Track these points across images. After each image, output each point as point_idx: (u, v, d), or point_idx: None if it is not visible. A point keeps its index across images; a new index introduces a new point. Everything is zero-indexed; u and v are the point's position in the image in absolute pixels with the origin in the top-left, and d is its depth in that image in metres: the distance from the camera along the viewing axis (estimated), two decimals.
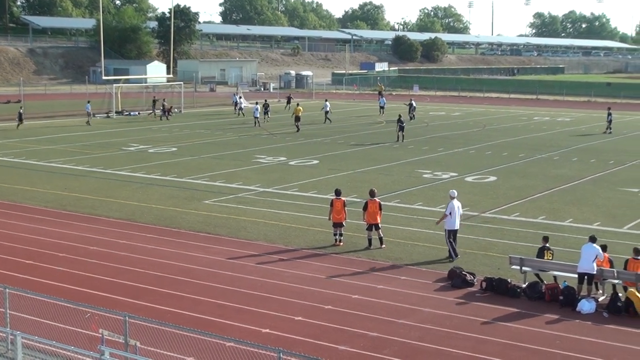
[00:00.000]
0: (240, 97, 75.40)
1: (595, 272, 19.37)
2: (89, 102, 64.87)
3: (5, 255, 23.07)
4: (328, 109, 66.23)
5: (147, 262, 22.39)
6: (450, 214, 23.38)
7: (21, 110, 59.64)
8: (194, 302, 18.94)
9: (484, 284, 20.21)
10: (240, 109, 71.99)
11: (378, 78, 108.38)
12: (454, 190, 24.58)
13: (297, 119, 59.99)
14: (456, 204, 23.57)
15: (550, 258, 20.80)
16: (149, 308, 18.33)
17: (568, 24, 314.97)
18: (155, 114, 69.15)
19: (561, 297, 19.19)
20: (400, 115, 54.89)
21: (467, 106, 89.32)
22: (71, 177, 37.01)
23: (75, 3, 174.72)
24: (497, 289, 19.95)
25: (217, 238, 25.39)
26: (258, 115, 63.20)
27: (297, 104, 64.31)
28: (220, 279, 20.88)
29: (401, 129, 52.82)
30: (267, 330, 17.10)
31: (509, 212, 29.67)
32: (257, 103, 65.95)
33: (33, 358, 14.96)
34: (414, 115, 67.04)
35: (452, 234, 23.37)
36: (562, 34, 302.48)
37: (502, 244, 24.85)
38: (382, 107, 73.01)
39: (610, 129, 59.21)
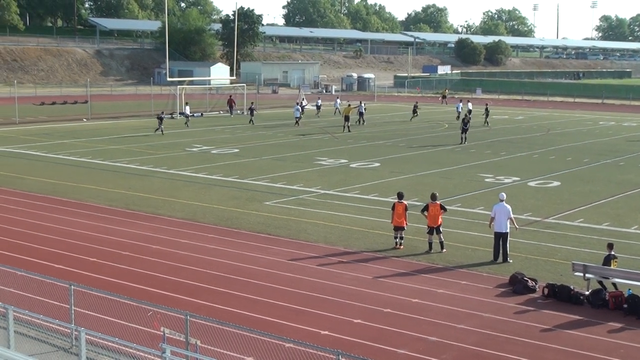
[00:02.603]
0: (303, 99, 76.12)
1: None
2: (187, 103, 65.61)
3: (70, 252, 23.52)
4: (363, 110, 66.23)
5: (208, 262, 22.61)
6: (494, 216, 23.20)
7: (162, 115, 58.23)
8: (253, 303, 19.06)
9: (546, 291, 19.92)
10: (319, 108, 72.81)
11: (447, 87, 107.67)
12: (503, 194, 24.34)
13: (347, 119, 60.06)
14: (503, 207, 23.29)
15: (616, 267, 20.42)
16: (208, 307, 18.50)
17: (635, 27, 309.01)
18: (232, 115, 67.41)
19: (625, 306, 18.82)
20: (465, 116, 55.03)
21: (531, 110, 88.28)
22: (135, 177, 37.58)
23: (142, 5, 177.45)
24: (559, 295, 19.65)
25: (277, 239, 25.51)
26: (299, 115, 63.90)
27: (349, 104, 64.31)
28: (279, 280, 20.97)
29: (464, 131, 53.00)
30: (326, 332, 17.11)
31: (573, 217, 29.21)
32: (297, 104, 66.62)
33: (96, 354, 15.23)
34: (487, 122, 66.09)
35: (499, 237, 23.13)
36: (629, 38, 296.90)
37: (565, 250, 24.48)
38: (459, 112, 71.76)
39: None
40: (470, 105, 70.15)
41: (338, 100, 77.20)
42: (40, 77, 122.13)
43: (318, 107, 74.20)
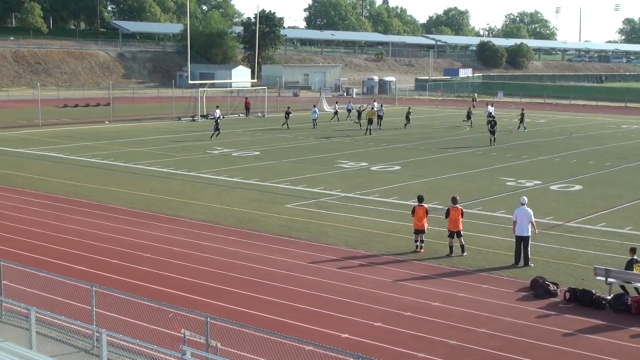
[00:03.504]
0: (324, 103, 76.29)
1: None
2: (217, 107, 65.20)
3: (92, 254, 23.65)
4: (382, 113, 66.19)
5: (228, 264, 22.65)
6: (515, 220, 23.12)
7: (218, 119, 57.64)
8: (273, 305, 19.08)
9: (567, 295, 19.80)
10: (336, 112, 72.68)
11: (475, 92, 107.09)
12: (524, 197, 24.22)
13: (370, 121, 60.27)
14: (524, 210, 23.18)
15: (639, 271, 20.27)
16: (228, 309, 18.54)
17: None
18: (288, 126, 64.55)
19: None
20: (493, 118, 56.23)
21: (553, 113, 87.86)
22: (156, 179, 37.74)
23: (164, 8, 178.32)
24: (581, 300, 19.52)
25: (297, 242, 25.53)
26: (316, 118, 64.13)
27: (372, 107, 64.30)
28: (300, 282, 20.99)
29: (492, 132, 53.97)
30: (346, 335, 17.10)
31: (595, 221, 29.03)
32: (314, 106, 66.82)
33: (117, 355, 15.30)
34: (524, 127, 65.15)
35: (520, 240, 23.03)
36: None
37: (587, 254, 24.32)
38: (492, 116, 71.07)
39: None
40: (490, 109, 69.96)
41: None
42: (63, 80, 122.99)
43: (335, 113, 73.54)
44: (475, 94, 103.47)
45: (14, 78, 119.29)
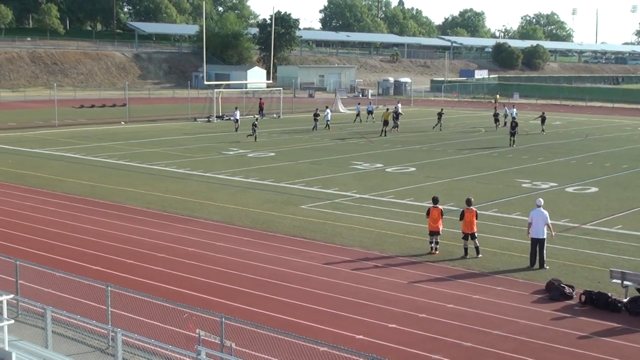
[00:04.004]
0: (338, 102, 76.41)
1: None
2: (236, 108, 65.16)
3: (108, 254, 23.75)
4: (400, 110, 66.30)
5: (243, 265, 22.69)
6: (531, 222, 23.06)
7: (256, 121, 56.97)
8: (288, 306, 19.10)
9: (583, 297, 19.72)
10: (358, 114, 72.68)
11: (497, 93, 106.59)
12: (540, 199, 24.09)
13: (385, 123, 60.28)
14: (540, 212, 23.10)
15: None
16: (243, 310, 18.57)
17: None
18: (316, 128, 64.17)
19: None
20: (513, 119, 56.47)
21: (569, 115, 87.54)
22: (172, 180, 37.85)
23: (180, 10, 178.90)
24: (596, 302, 19.43)
25: (312, 243, 25.53)
26: (329, 119, 64.24)
27: (387, 109, 64.25)
28: (314, 283, 21.00)
29: (512, 134, 54.39)
30: (361, 337, 17.10)
31: (611, 224, 28.88)
32: (327, 107, 66.91)
33: (132, 355, 15.36)
34: (543, 129, 64.62)
35: (536, 242, 22.96)
36: None
37: (603, 256, 24.20)
38: (513, 118, 70.65)
39: None
40: (508, 111, 69.86)
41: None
42: (80, 81, 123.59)
43: (358, 114, 73.06)
44: (497, 95, 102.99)
45: (30, 78, 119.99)
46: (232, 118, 65.22)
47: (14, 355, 12.28)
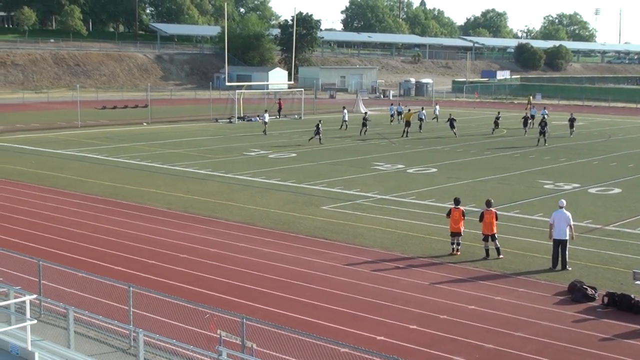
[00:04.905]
0: (360, 103, 76.38)
1: None
2: (266, 110, 64.33)
3: (130, 255, 23.86)
4: (423, 116, 65.66)
5: (264, 265, 22.71)
6: (553, 223, 22.92)
7: (320, 124, 55.95)
8: (309, 307, 19.09)
9: (605, 299, 19.57)
10: (392, 115, 72.57)
11: (530, 95, 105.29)
12: (563, 200, 23.93)
13: (408, 124, 60.08)
14: (562, 214, 22.95)
15: None
16: (264, 310, 18.59)
17: None
18: (346, 127, 64.12)
19: None
20: (543, 118, 57.14)
21: (592, 116, 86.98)
22: (193, 180, 37.96)
23: (201, 11, 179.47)
24: (619, 304, 19.28)
25: (333, 244, 25.52)
26: (347, 119, 64.13)
27: (409, 110, 64.13)
28: (335, 284, 20.98)
29: (542, 133, 54.89)
30: (382, 338, 17.07)
31: (634, 225, 28.66)
32: (344, 108, 66.90)
33: (154, 355, 15.40)
34: (571, 131, 62.56)
35: (558, 244, 22.81)
36: None
37: (626, 258, 24.03)
38: (543, 117, 68.77)
39: None
40: (536, 112, 69.70)
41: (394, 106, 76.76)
42: (102, 82, 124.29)
43: (392, 115, 72.65)
44: (531, 97, 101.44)
45: (53, 80, 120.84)
46: (260, 119, 65.37)
47: (37, 355, 12.36)
